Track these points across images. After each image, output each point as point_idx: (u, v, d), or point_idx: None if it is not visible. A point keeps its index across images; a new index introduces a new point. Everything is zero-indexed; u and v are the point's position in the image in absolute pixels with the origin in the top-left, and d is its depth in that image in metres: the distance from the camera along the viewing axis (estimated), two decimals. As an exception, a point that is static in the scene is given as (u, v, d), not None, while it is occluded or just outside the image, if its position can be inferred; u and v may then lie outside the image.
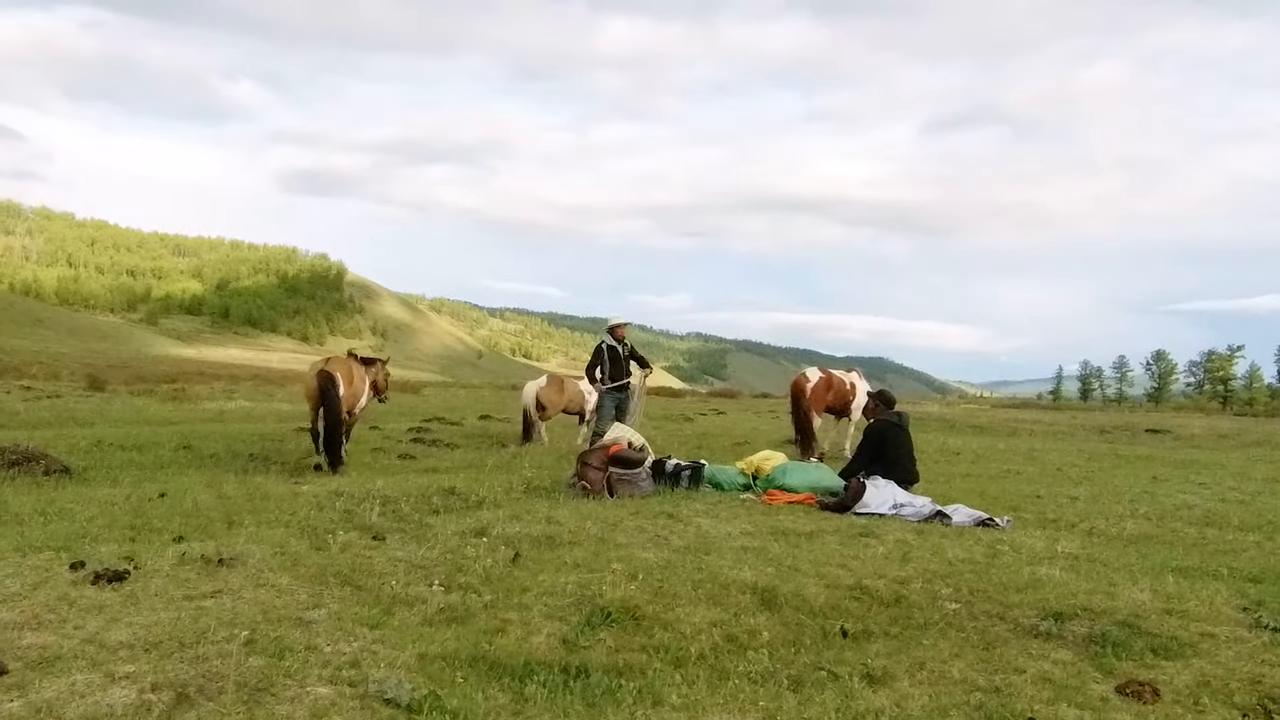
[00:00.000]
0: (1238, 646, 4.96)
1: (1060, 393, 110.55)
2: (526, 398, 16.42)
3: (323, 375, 11.98)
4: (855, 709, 4.08)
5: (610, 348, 14.09)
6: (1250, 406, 54.02)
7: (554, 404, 16.45)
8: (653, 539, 6.95)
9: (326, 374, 11.97)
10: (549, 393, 16.40)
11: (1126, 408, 59.45)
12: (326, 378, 11.91)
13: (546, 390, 16.42)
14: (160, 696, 3.69)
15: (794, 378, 16.03)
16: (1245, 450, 21.72)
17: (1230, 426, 30.95)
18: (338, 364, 12.47)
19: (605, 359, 13.99)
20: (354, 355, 13.61)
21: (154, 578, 5.29)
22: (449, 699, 3.90)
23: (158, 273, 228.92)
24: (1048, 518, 9.14)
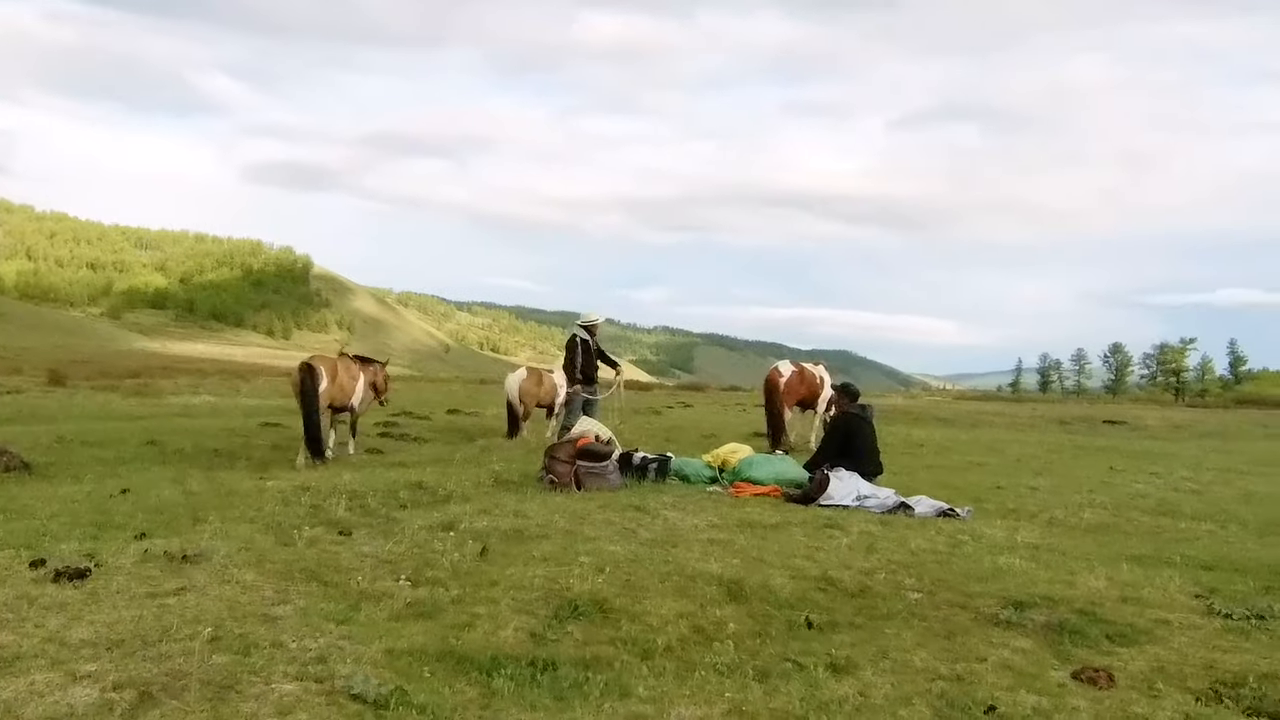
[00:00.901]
0: (1191, 633, 5.09)
1: (1019, 385, 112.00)
2: (510, 390, 16.40)
3: (303, 367, 12.09)
4: (820, 699, 4.14)
5: (584, 342, 14.10)
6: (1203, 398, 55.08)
7: (533, 396, 16.45)
8: (621, 532, 6.99)
9: (307, 366, 12.08)
10: (529, 385, 16.40)
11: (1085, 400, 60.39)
12: (307, 370, 12.00)
13: (527, 383, 16.41)
14: (123, 695, 3.66)
15: (768, 373, 16.10)
16: (1198, 441, 22.18)
17: (1184, 418, 31.57)
18: (322, 359, 12.56)
19: (579, 353, 14.00)
20: (345, 354, 13.69)
21: (116, 575, 5.24)
22: (416, 694, 3.91)
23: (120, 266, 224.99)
24: (1008, 508, 9.29)
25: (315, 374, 11.98)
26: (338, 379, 12.55)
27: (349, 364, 13.28)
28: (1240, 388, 59.17)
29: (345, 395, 12.86)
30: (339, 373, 12.65)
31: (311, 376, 11.92)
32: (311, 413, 11.89)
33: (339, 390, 12.61)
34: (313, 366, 12.10)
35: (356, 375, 13.23)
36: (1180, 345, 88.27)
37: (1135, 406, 41.89)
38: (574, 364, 14.11)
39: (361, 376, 13.34)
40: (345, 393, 12.84)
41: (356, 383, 13.17)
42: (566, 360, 14.34)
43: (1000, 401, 48.31)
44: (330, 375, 12.31)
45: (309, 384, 11.87)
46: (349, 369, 13.13)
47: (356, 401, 13.22)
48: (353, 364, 13.40)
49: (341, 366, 12.91)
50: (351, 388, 13.02)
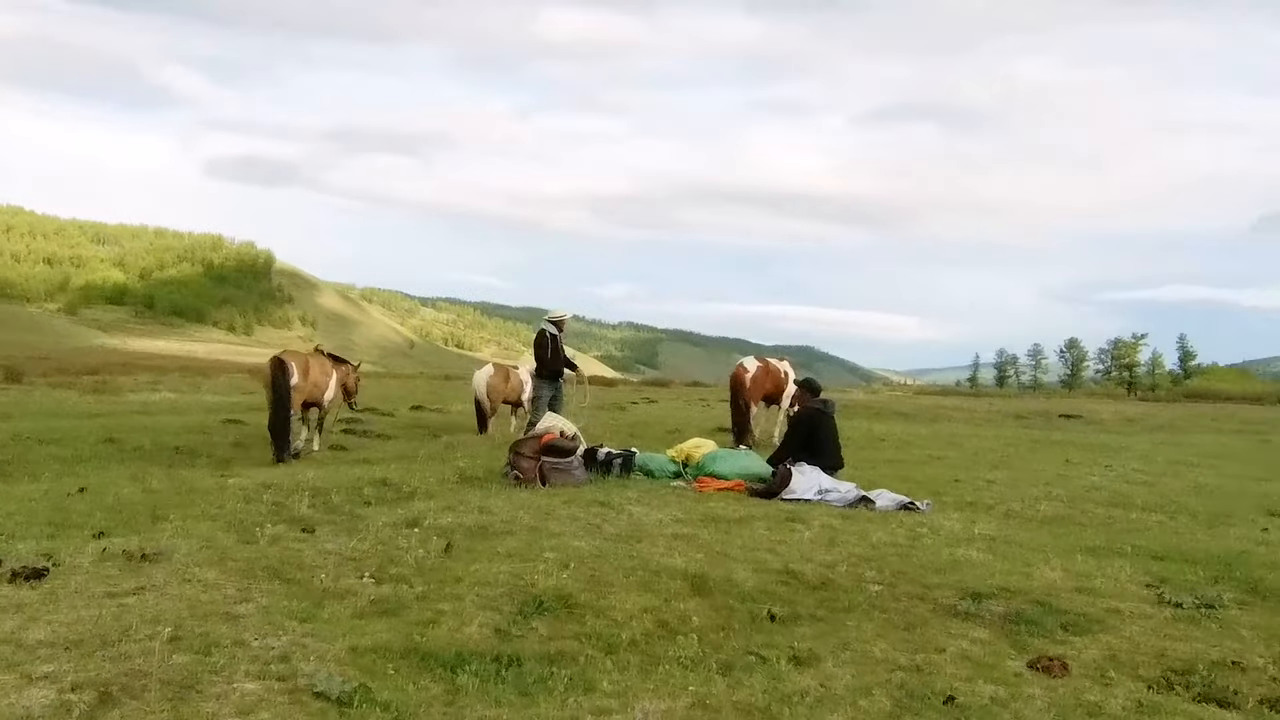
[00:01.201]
0: (1143, 621, 5.22)
1: (977, 379, 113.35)
2: (477, 387, 16.36)
3: (274, 362, 12.15)
4: (783, 690, 4.19)
5: (553, 337, 14.07)
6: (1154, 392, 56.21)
7: (500, 393, 16.43)
8: (585, 527, 7.01)
9: (278, 360, 12.13)
10: (496, 381, 16.38)
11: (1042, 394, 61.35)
12: (278, 364, 12.04)
13: (494, 379, 16.39)
14: (81, 696, 3.63)
15: (734, 369, 16.16)
16: (1150, 434, 22.64)
17: (1136, 411, 32.22)
18: (294, 355, 12.62)
19: (549, 349, 13.96)
20: (321, 351, 13.72)
21: (74, 575, 5.18)
22: (381, 691, 3.90)
23: (77, 261, 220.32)
24: (967, 501, 9.43)
25: (286, 369, 11.96)
26: (310, 375, 12.54)
27: (322, 361, 13.28)
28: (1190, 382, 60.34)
29: (317, 391, 12.84)
30: (311, 369, 12.64)
31: (283, 371, 11.92)
32: (282, 407, 11.85)
33: (311, 386, 12.60)
34: (284, 361, 12.09)
35: (329, 372, 13.23)
36: (1133, 340, 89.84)
37: (1090, 401, 42.66)
38: (544, 360, 14.09)
39: (334, 374, 13.33)
40: (318, 389, 12.83)
41: (329, 379, 13.16)
42: (537, 355, 14.29)
43: (959, 396, 48.97)
44: (302, 371, 12.29)
45: (280, 379, 11.87)
46: (322, 366, 13.12)
47: (328, 399, 13.19)
48: (325, 361, 13.39)
49: (314, 363, 12.91)
50: (324, 384, 13.02)
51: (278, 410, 11.90)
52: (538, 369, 14.45)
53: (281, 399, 11.89)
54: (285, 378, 11.94)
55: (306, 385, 12.43)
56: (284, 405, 11.89)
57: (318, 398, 12.98)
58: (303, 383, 12.30)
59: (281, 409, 11.89)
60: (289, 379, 11.96)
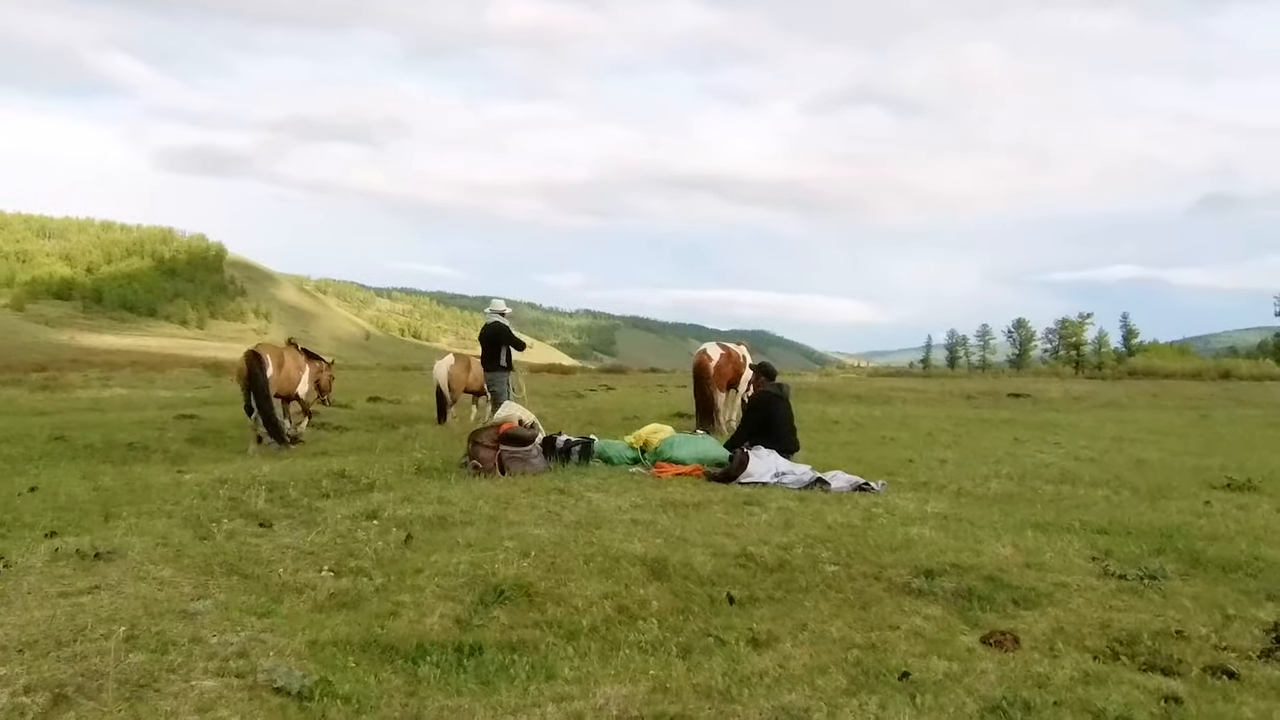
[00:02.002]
0: (1089, 594, 5.37)
1: (929, 361, 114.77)
2: (438, 376, 16.26)
3: (249, 355, 12.30)
4: (741, 672, 4.26)
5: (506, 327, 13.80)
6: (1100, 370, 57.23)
7: (461, 382, 16.36)
8: (545, 515, 7.03)
9: (253, 354, 12.28)
10: (458, 371, 16.29)
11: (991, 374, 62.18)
12: (253, 357, 12.19)
13: (455, 369, 16.29)
14: (35, 699, 3.59)
15: (696, 356, 16.05)
16: (1096, 411, 23.12)
17: (1083, 390, 32.83)
18: (268, 347, 12.76)
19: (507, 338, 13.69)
20: (294, 344, 13.82)
21: (26, 575, 5.10)
22: (341, 684, 3.91)
23: (22, 256, 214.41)
24: (919, 480, 9.58)
25: (262, 361, 12.09)
26: (284, 368, 12.66)
27: (295, 354, 13.41)
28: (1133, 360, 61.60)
29: (291, 384, 12.96)
30: (285, 361, 12.77)
31: (259, 364, 12.03)
32: (263, 400, 12.03)
33: (285, 379, 12.72)
34: (259, 354, 12.21)
35: (303, 365, 13.36)
36: (1079, 320, 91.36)
37: (1037, 380, 43.35)
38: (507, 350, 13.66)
39: (308, 368, 13.45)
40: (291, 382, 12.94)
41: (303, 373, 13.28)
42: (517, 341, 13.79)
43: (911, 378, 49.55)
44: (277, 363, 12.44)
45: (257, 371, 11.99)
46: (296, 359, 13.25)
47: (303, 391, 13.30)
48: (299, 354, 13.51)
49: (289, 356, 13.04)
50: (298, 377, 13.14)
51: (260, 403, 12.03)
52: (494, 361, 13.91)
53: (261, 391, 12.01)
54: (262, 370, 12.04)
55: (280, 378, 12.51)
56: (265, 397, 12.03)
57: (291, 390, 13.04)
58: (277, 375, 12.39)
59: (264, 400, 12.04)
60: (265, 371, 12.06)
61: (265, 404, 12.08)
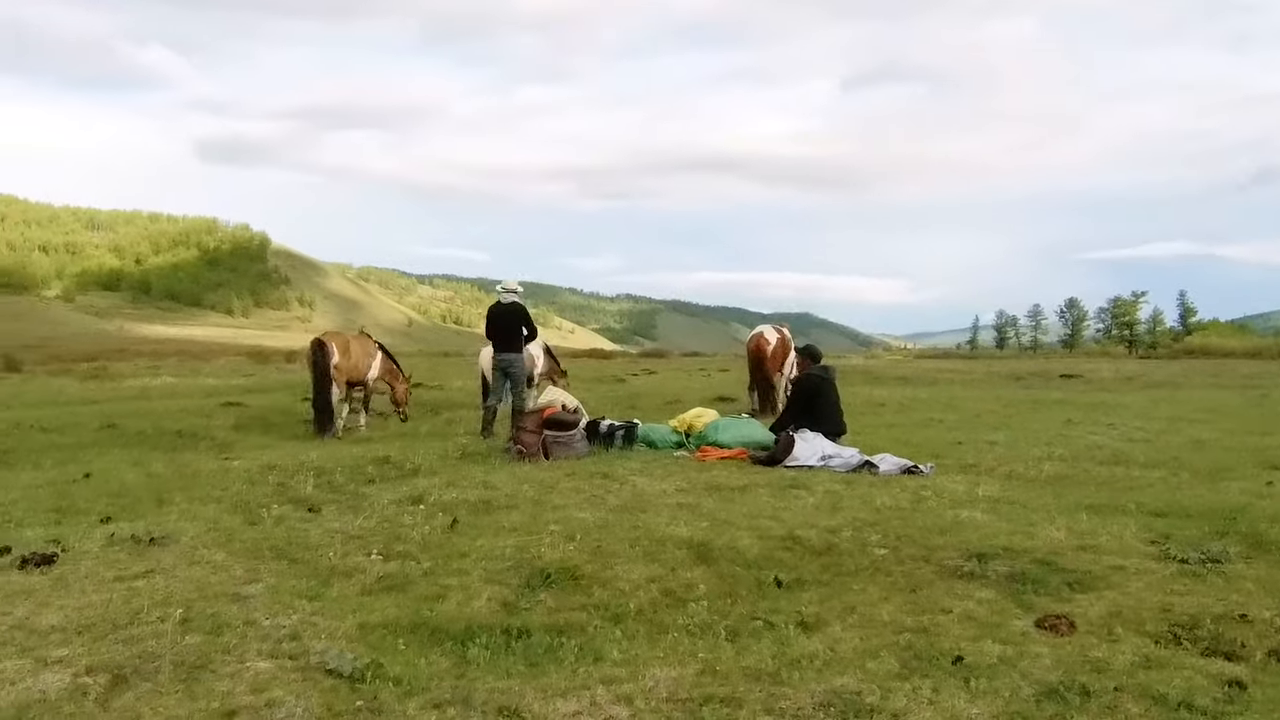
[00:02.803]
0: (1147, 577, 5.24)
1: (977, 342, 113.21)
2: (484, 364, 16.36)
3: (314, 342, 12.72)
4: (790, 655, 4.21)
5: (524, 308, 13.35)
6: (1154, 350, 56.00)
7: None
8: (589, 499, 7.03)
9: (318, 341, 12.69)
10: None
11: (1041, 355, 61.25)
12: (318, 345, 12.59)
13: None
14: (95, 679, 3.65)
15: (753, 339, 16.03)
16: (1149, 391, 22.61)
17: (1135, 369, 32.18)
18: (334, 336, 13.17)
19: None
20: (365, 332, 14.19)
21: (83, 560, 5.20)
22: (391, 666, 3.93)
23: (72, 248, 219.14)
24: (968, 463, 9.44)
25: (326, 349, 12.43)
26: (351, 354, 12.93)
27: (365, 341, 13.68)
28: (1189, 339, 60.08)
29: (359, 371, 13.23)
30: (353, 348, 13.04)
31: (322, 352, 12.39)
32: (322, 386, 12.34)
33: (352, 366, 12.99)
34: (323, 342, 12.59)
35: (372, 352, 13.59)
36: (1133, 299, 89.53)
37: (1089, 360, 42.63)
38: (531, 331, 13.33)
39: (378, 355, 13.68)
40: (359, 369, 13.20)
41: (372, 360, 13.51)
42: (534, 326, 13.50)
43: (958, 359, 48.99)
44: (343, 350, 12.73)
45: (320, 359, 12.34)
46: (365, 346, 13.51)
47: (371, 377, 13.54)
48: (369, 342, 13.77)
49: (357, 343, 13.30)
50: (366, 364, 13.37)
51: (319, 389, 12.35)
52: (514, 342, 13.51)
53: (322, 378, 12.32)
54: (325, 358, 12.36)
55: (348, 364, 12.81)
56: (325, 384, 12.33)
57: (360, 377, 13.33)
58: (344, 362, 12.68)
59: (322, 388, 12.33)
60: (328, 359, 12.38)
61: (322, 390, 12.38)
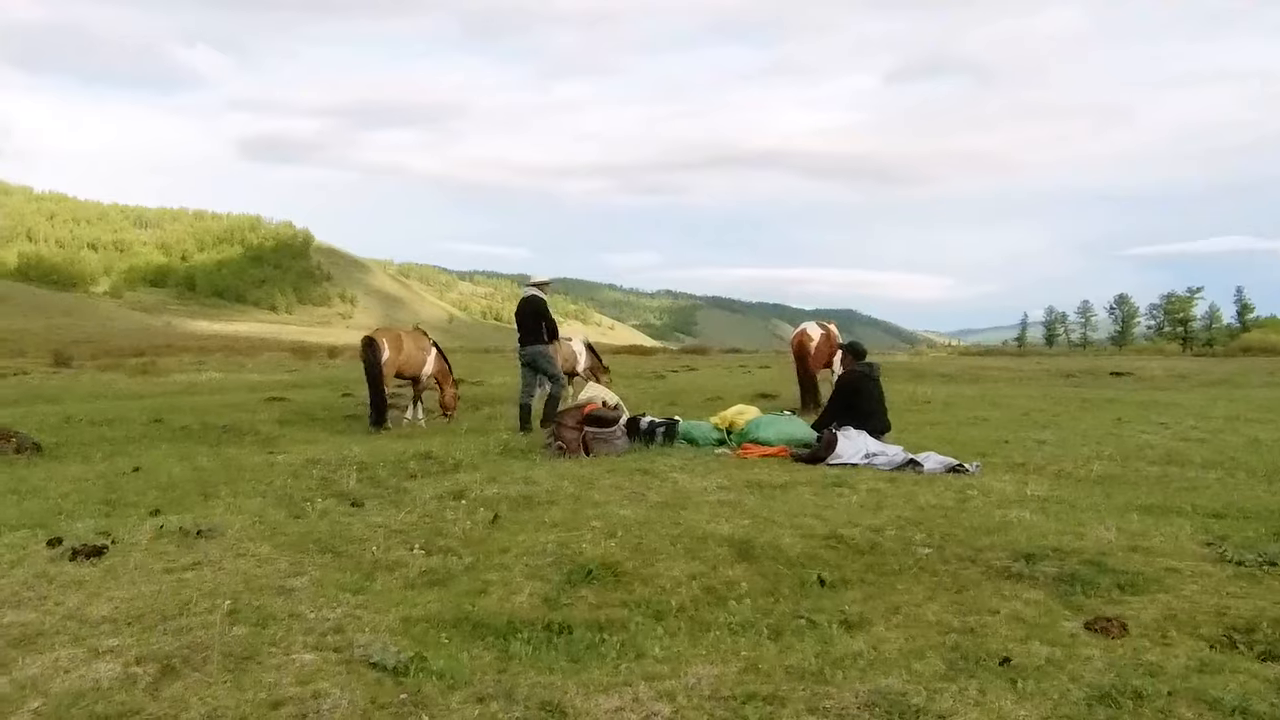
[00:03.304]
0: (1202, 580, 5.10)
1: (1025, 339, 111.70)
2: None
3: (365, 340, 13.06)
4: (834, 654, 4.17)
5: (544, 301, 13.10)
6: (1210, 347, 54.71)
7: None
8: (630, 496, 7.01)
9: (369, 339, 13.01)
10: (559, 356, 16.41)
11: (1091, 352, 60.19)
12: (368, 342, 12.93)
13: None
14: (145, 669, 3.71)
15: (796, 336, 15.99)
16: (1205, 390, 22.12)
17: (1190, 367, 31.52)
18: (385, 332, 13.42)
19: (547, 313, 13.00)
20: (422, 331, 14.48)
21: (132, 552, 5.29)
22: (434, 660, 3.95)
23: (120, 245, 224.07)
24: (1016, 462, 9.29)
25: (376, 346, 12.75)
26: (403, 350, 13.19)
27: (419, 337, 13.94)
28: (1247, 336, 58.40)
29: (413, 366, 13.50)
30: (405, 344, 13.30)
31: (372, 349, 12.71)
32: (374, 382, 12.68)
33: (406, 361, 13.27)
34: (373, 340, 12.90)
35: (426, 347, 13.85)
36: (1187, 294, 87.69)
37: (1140, 357, 41.87)
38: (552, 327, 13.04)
39: (432, 351, 13.94)
40: (413, 363, 13.46)
41: (426, 355, 13.75)
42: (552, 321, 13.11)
43: (1004, 356, 48.33)
44: (394, 346, 13.01)
45: (370, 356, 12.68)
46: (418, 341, 13.77)
47: (425, 373, 13.80)
48: (423, 337, 14.04)
49: (409, 339, 13.56)
50: (420, 359, 13.63)
51: (370, 384, 12.72)
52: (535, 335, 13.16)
53: (372, 374, 12.64)
54: (375, 354, 12.67)
55: (399, 359, 13.08)
56: (377, 379, 12.64)
57: (415, 372, 13.61)
58: (395, 356, 12.97)
59: (374, 383, 12.66)
60: (379, 355, 12.69)
61: (374, 386, 12.69)
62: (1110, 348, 76.16)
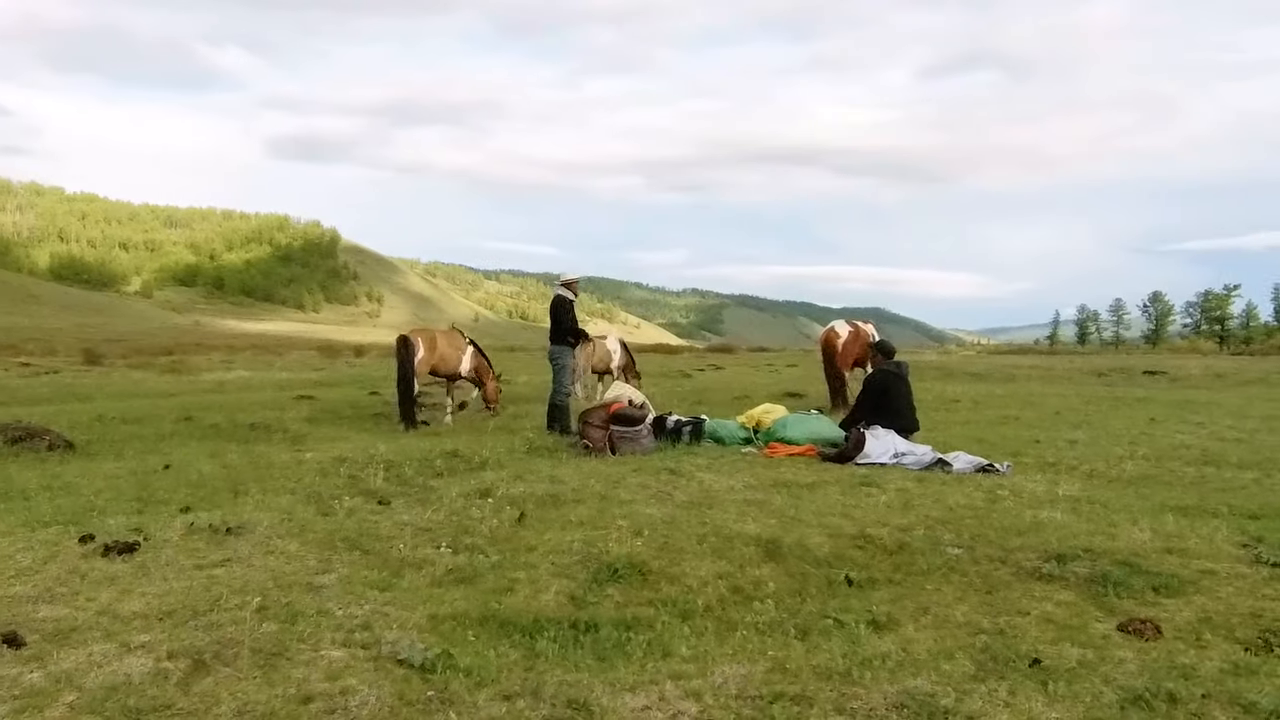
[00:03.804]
0: (1238, 582, 5.03)
1: (1057, 337, 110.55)
2: None
3: (399, 339, 13.25)
4: (862, 654, 4.14)
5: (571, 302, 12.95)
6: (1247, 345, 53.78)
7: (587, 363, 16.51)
8: (656, 495, 7.00)
9: (403, 338, 13.21)
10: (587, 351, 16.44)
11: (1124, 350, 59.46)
12: (402, 341, 13.12)
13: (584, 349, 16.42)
14: (177, 664, 3.74)
15: (823, 333, 15.96)
16: (1242, 389, 21.78)
17: (1227, 366, 31.05)
18: (420, 331, 13.61)
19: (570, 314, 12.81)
20: (458, 330, 14.70)
21: (163, 548, 5.34)
22: (461, 657, 3.96)
23: (150, 245, 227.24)
24: (1047, 461, 9.20)
25: (409, 345, 12.93)
26: (438, 349, 13.38)
27: (454, 336, 14.14)
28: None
29: (449, 364, 13.68)
30: (439, 343, 13.49)
31: (406, 348, 12.90)
32: (405, 381, 12.83)
33: (441, 359, 13.45)
34: (407, 338, 13.10)
35: (462, 347, 14.01)
36: (1224, 292, 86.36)
37: (1175, 356, 41.31)
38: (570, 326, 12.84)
39: (468, 349, 14.08)
40: (448, 362, 13.64)
41: (461, 353, 13.92)
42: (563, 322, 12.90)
43: (1035, 355, 47.86)
44: (429, 345, 13.21)
45: (404, 354, 12.86)
46: (453, 340, 13.96)
47: (463, 370, 13.97)
48: (458, 336, 14.22)
49: (444, 338, 13.75)
50: (456, 358, 13.79)
51: (400, 382, 12.85)
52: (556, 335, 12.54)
53: (406, 372, 12.78)
54: (409, 353, 12.84)
55: (433, 358, 13.26)
56: (408, 378, 12.79)
57: (451, 370, 13.78)
58: (429, 355, 13.15)
59: (404, 381, 12.80)
60: (412, 354, 12.87)
61: (404, 384, 12.81)
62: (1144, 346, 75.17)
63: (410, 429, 12.47)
